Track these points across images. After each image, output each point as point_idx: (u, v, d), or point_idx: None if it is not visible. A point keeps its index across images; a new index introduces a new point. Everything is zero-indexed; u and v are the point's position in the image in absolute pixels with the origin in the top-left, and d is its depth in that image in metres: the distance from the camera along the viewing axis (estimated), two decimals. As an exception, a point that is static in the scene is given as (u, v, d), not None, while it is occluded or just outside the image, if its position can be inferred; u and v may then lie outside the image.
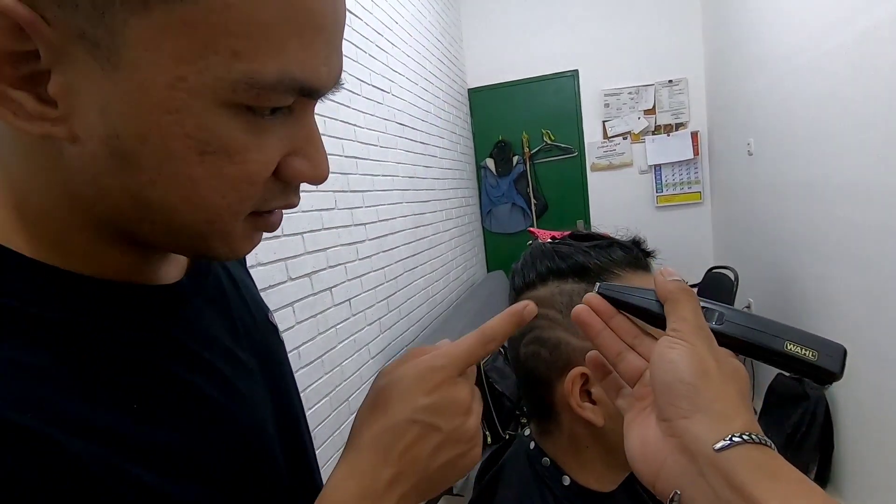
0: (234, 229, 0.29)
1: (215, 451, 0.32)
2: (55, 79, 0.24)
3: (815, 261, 1.93)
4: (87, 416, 0.25)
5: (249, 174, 0.27)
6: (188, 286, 0.36)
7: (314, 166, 0.30)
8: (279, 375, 0.43)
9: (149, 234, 0.29)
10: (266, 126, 0.27)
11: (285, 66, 0.25)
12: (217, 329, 0.37)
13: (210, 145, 0.25)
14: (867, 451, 1.67)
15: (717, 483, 0.28)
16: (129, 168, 0.25)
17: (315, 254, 1.54)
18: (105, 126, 0.24)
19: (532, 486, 0.55)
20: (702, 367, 0.31)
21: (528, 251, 0.57)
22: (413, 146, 2.42)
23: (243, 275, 0.47)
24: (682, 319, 0.33)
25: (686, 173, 3.29)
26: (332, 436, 1.54)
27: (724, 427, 0.29)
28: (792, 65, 1.96)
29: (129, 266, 0.32)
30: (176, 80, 0.24)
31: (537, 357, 0.53)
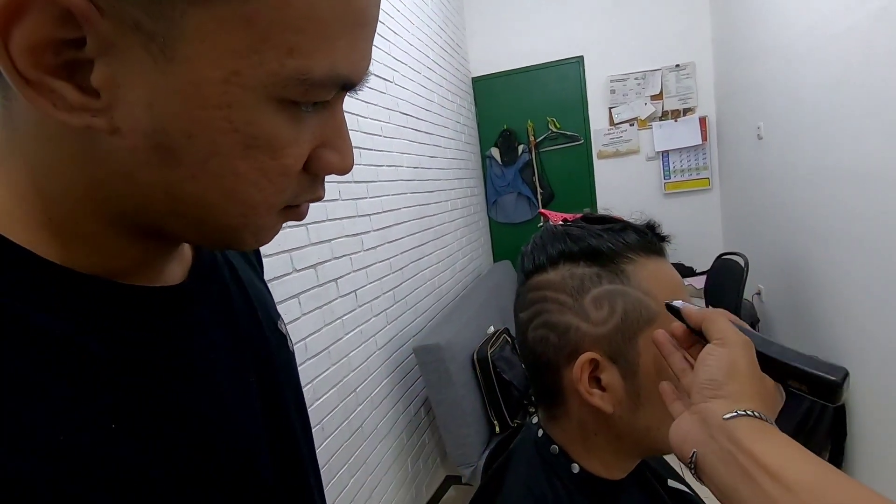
0: (266, 223, 0.30)
1: (196, 475, 0.30)
2: (99, 69, 0.23)
3: (826, 246, 1.90)
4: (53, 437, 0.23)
5: (286, 167, 0.27)
6: (192, 289, 0.35)
7: (342, 157, 0.30)
8: (279, 389, 0.41)
9: (176, 227, 0.29)
10: (304, 120, 0.27)
11: (334, 62, 0.25)
12: (217, 337, 0.36)
13: (256, 140, 0.25)
14: (881, 438, 1.65)
15: (722, 440, 0.35)
16: (170, 162, 0.25)
17: (319, 245, 1.53)
18: (151, 120, 0.24)
19: (540, 473, 0.54)
20: (732, 368, 0.38)
21: (539, 233, 0.56)
22: (417, 136, 2.40)
23: (255, 280, 0.45)
24: (720, 331, 0.41)
25: (694, 159, 3.25)
26: (340, 426, 1.54)
27: (735, 406, 0.36)
28: (803, 47, 1.91)
29: (135, 261, 0.31)
30: (230, 75, 0.23)
31: (546, 342, 0.52)
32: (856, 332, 1.73)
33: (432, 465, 2.25)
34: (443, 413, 1.87)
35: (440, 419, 1.89)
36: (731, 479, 0.34)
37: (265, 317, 0.43)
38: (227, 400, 0.35)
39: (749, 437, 0.34)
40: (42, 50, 0.22)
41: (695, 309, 0.44)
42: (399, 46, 2.25)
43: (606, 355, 0.49)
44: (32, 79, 0.22)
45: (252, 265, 0.47)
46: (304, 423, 0.46)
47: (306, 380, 1.40)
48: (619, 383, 0.50)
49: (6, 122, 0.27)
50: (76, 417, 0.25)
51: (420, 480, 2.10)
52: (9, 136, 0.27)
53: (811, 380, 0.38)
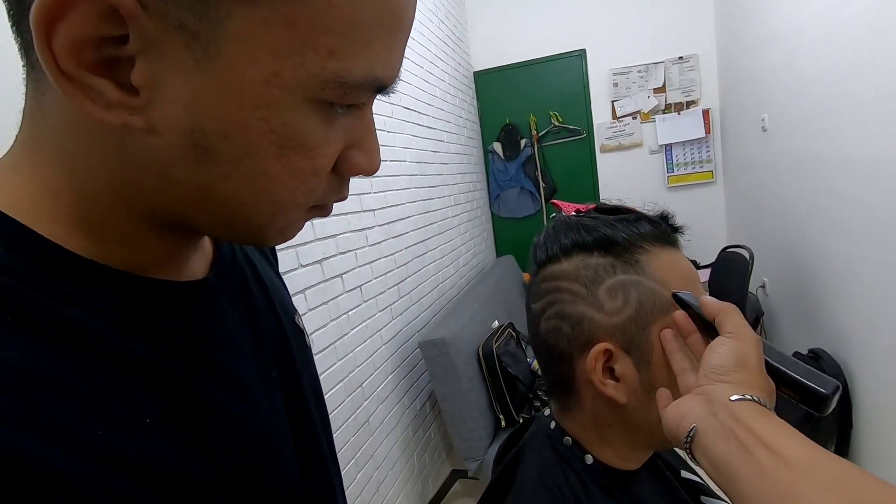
0: (294, 221, 0.30)
1: (227, 469, 0.30)
2: (140, 67, 0.23)
3: (831, 238, 1.89)
4: (91, 432, 0.23)
5: (316, 168, 0.27)
6: (214, 283, 0.35)
7: (371, 158, 0.30)
8: (299, 383, 0.42)
9: (204, 223, 0.29)
10: (337, 122, 0.27)
11: (371, 65, 0.25)
12: (239, 332, 0.36)
13: (291, 141, 0.26)
14: (886, 428, 1.65)
15: (724, 417, 0.36)
16: (205, 161, 0.25)
17: (325, 241, 1.53)
18: (188, 119, 0.24)
19: (554, 465, 0.54)
20: (743, 359, 0.39)
21: (552, 223, 0.55)
22: (420, 131, 2.39)
23: (272, 274, 0.45)
24: (736, 325, 0.41)
25: (698, 152, 3.23)
26: (347, 421, 1.54)
27: (742, 390, 0.37)
28: (808, 36, 1.90)
29: (161, 255, 0.31)
30: (271, 76, 0.24)
31: (559, 332, 0.52)
32: (861, 324, 1.73)
33: (438, 459, 2.26)
34: (449, 407, 1.87)
35: (446, 413, 1.89)
36: (727, 453, 0.35)
37: (283, 312, 0.43)
38: (252, 394, 0.35)
39: (752, 417, 0.35)
40: (84, 46, 0.22)
41: (713, 300, 0.44)
42: (401, 41, 2.24)
43: (620, 345, 0.49)
44: (73, 75, 0.22)
45: (268, 259, 0.47)
46: (324, 417, 0.46)
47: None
48: (633, 374, 0.50)
49: (35, 114, 0.27)
50: (112, 412, 0.25)
51: (426, 474, 2.11)
52: (37, 129, 0.27)
53: (803, 389, 0.40)
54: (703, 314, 0.45)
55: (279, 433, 0.37)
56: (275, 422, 0.37)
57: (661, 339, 0.48)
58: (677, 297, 0.48)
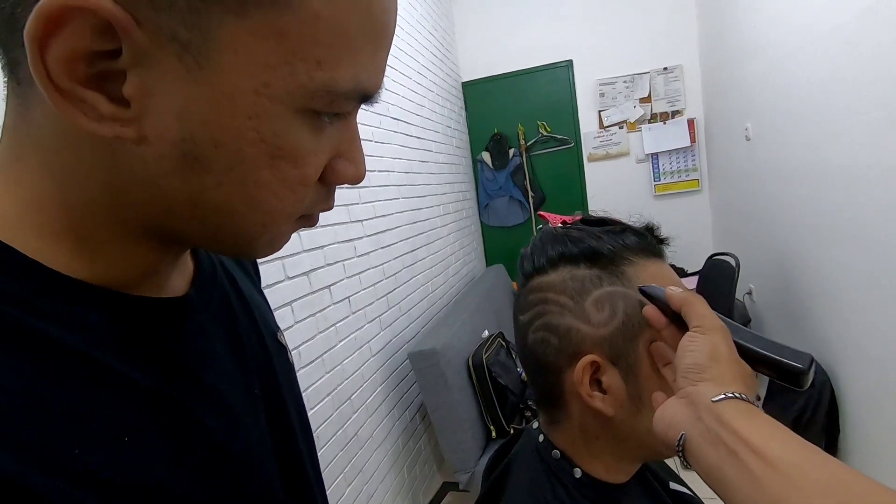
0: (283, 232, 0.30)
1: (208, 487, 0.30)
2: (132, 79, 0.23)
3: (816, 244, 1.92)
4: (69, 451, 0.23)
5: (305, 177, 0.28)
6: (195, 300, 0.34)
7: (357, 167, 0.31)
8: (281, 400, 0.41)
9: (194, 234, 0.29)
10: (324, 131, 0.28)
11: (357, 75, 0.26)
12: (221, 349, 0.35)
13: (280, 150, 0.26)
14: (873, 434, 1.66)
15: (709, 421, 0.36)
16: (196, 171, 0.25)
17: (312, 252, 1.52)
18: (179, 128, 0.24)
19: (543, 479, 0.53)
20: (714, 352, 0.39)
21: (539, 235, 0.55)
22: (408, 141, 2.40)
23: (253, 291, 0.45)
24: (700, 317, 0.41)
25: (683, 161, 3.27)
26: (335, 435, 1.52)
27: (722, 388, 0.37)
28: (789, 47, 1.94)
29: (142, 271, 0.30)
30: (261, 86, 0.24)
31: (546, 344, 0.51)
32: (846, 329, 1.75)
33: (429, 471, 2.23)
34: (439, 419, 1.85)
35: (436, 425, 1.87)
36: (717, 459, 0.34)
37: (265, 328, 0.42)
38: (233, 411, 0.34)
39: (735, 417, 0.35)
40: (77, 61, 0.22)
41: (677, 292, 0.44)
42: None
43: (607, 357, 0.49)
44: (65, 89, 0.22)
45: (250, 276, 0.47)
46: (307, 435, 0.46)
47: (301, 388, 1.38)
48: (620, 386, 0.49)
49: (18, 128, 0.26)
50: (90, 430, 0.25)
51: (417, 487, 2.09)
52: (20, 142, 0.26)
53: (778, 367, 0.40)
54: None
55: (261, 451, 0.36)
56: (257, 439, 0.36)
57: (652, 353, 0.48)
58: (643, 290, 0.47)
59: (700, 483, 0.43)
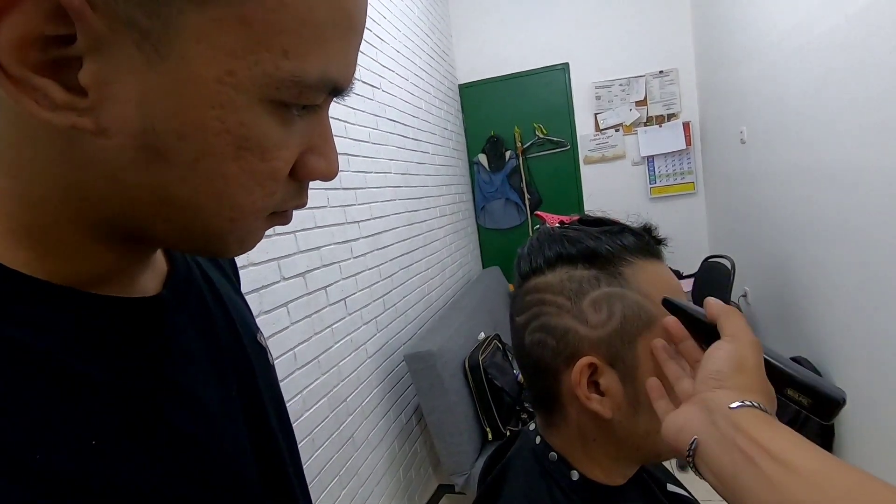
0: (253, 228, 0.29)
1: (183, 490, 0.29)
2: (88, 67, 0.22)
3: (811, 246, 1.92)
4: (29, 456, 0.23)
5: (274, 171, 0.27)
6: (169, 300, 0.33)
7: (328, 163, 0.30)
8: (261, 402, 0.41)
9: (160, 232, 0.28)
10: (293, 124, 0.27)
11: (326, 66, 0.25)
12: (196, 350, 0.35)
13: (247, 141, 0.25)
14: (867, 435, 1.67)
15: (725, 427, 0.35)
16: (159, 163, 0.24)
17: (308, 253, 1.51)
18: (140, 119, 0.23)
19: (539, 482, 0.53)
20: (740, 362, 0.38)
21: (536, 235, 0.55)
22: (405, 142, 2.39)
23: (232, 293, 0.44)
24: (735, 327, 0.41)
25: (679, 164, 3.29)
26: (331, 436, 1.51)
27: (741, 396, 0.36)
28: (783, 50, 1.95)
29: (108, 269, 0.29)
30: (225, 75, 0.23)
31: (543, 345, 0.51)
32: (841, 331, 1.76)
33: (425, 474, 2.22)
34: (435, 421, 1.85)
35: (432, 427, 1.87)
36: (732, 466, 0.33)
37: (244, 329, 0.42)
38: (209, 413, 0.33)
39: (752, 424, 0.34)
40: (29, 46, 0.21)
41: (717, 303, 0.44)
42: (386, 53, 2.25)
43: (605, 359, 0.49)
44: (16, 76, 0.21)
45: (228, 278, 0.46)
46: (288, 436, 0.45)
47: (296, 390, 1.38)
48: (617, 387, 0.49)
49: None
50: (54, 435, 0.24)
51: (413, 490, 2.08)
52: None
53: (816, 394, 0.38)
54: (699, 317, 0.44)
55: (239, 453, 0.35)
56: (234, 441, 0.35)
57: (652, 350, 0.47)
58: (669, 302, 0.47)
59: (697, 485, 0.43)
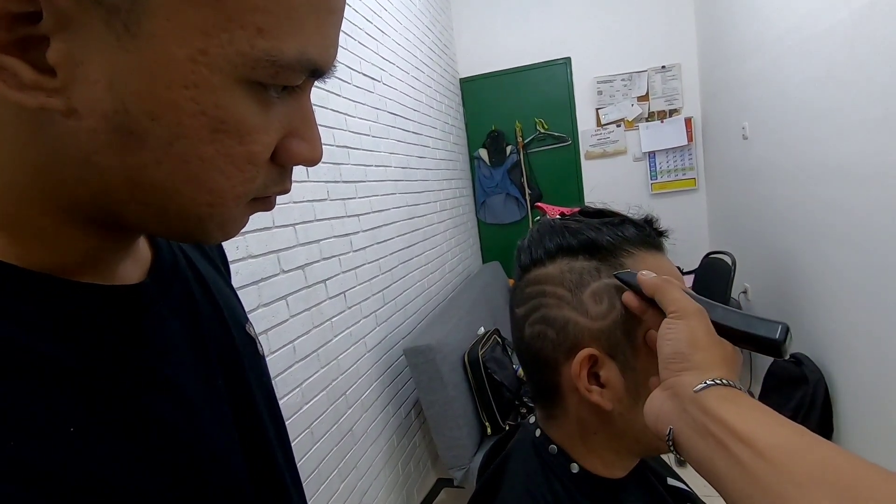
0: (234, 214, 0.29)
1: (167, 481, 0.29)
2: (56, 46, 0.21)
3: (812, 243, 1.92)
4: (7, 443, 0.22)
5: (253, 154, 0.27)
6: (151, 289, 0.33)
7: (311, 147, 0.30)
8: (249, 393, 0.40)
9: (136, 217, 0.27)
10: (272, 106, 0.27)
11: (303, 46, 0.25)
12: (181, 340, 0.34)
13: (224, 123, 0.25)
14: (866, 431, 1.67)
15: (694, 412, 0.35)
16: (132, 146, 0.24)
17: (308, 246, 1.50)
18: (112, 100, 0.23)
19: (539, 475, 0.53)
20: (693, 338, 0.39)
21: (536, 227, 0.54)
22: (405, 136, 2.38)
23: (221, 283, 0.43)
24: (674, 301, 0.41)
25: (680, 160, 3.28)
26: (330, 430, 1.51)
27: (704, 376, 0.37)
28: (786, 46, 1.94)
29: (87, 257, 0.29)
30: (197, 54, 0.23)
31: (543, 337, 0.50)
32: (841, 328, 1.75)
33: (423, 467, 2.23)
34: (434, 415, 1.85)
35: (431, 421, 1.87)
36: (707, 451, 0.34)
37: (232, 319, 0.41)
38: (192, 403, 0.33)
39: (720, 406, 0.34)
40: None
41: (648, 278, 0.44)
42: (386, 46, 2.24)
43: (605, 351, 0.48)
44: None
45: (217, 269, 0.45)
46: (279, 427, 0.45)
47: (295, 383, 1.37)
48: (618, 379, 0.49)
49: None
50: (30, 424, 0.23)
51: (411, 483, 2.08)
52: None
53: (756, 340, 0.40)
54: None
55: (225, 443, 0.35)
56: (219, 432, 0.35)
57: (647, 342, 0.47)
58: (618, 276, 0.47)
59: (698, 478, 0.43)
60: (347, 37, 1.86)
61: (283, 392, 1.32)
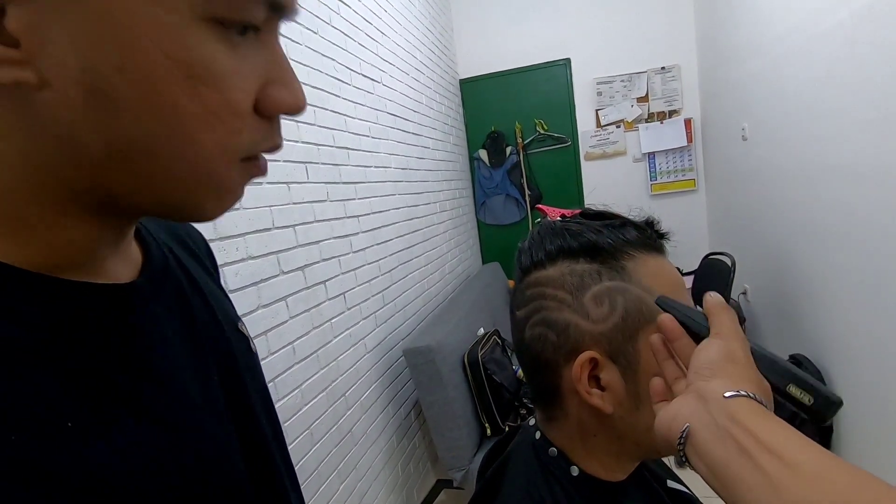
0: (227, 176, 0.28)
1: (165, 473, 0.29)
2: (13, 13, 0.21)
3: (811, 244, 1.92)
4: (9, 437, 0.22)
5: (232, 103, 0.26)
6: (145, 288, 0.33)
7: (292, 93, 0.29)
8: (244, 389, 0.40)
9: (128, 192, 0.27)
10: (241, 50, 0.26)
11: None
12: (176, 338, 0.34)
13: (193, 68, 0.24)
14: (866, 433, 1.67)
15: (719, 416, 0.34)
16: (109, 108, 0.23)
17: (308, 247, 1.50)
18: (77, 59, 0.22)
19: (539, 477, 0.52)
20: (731, 355, 0.38)
21: (537, 229, 0.54)
22: (405, 137, 2.38)
23: (210, 283, 0.43)
24: (721, 325, 0.40)
25: (680, 160, 3.28)
26: (329, 431, 1.51)
27: (735, 386, 0.35)
28: (786, 47, 1.94)
29: (78, 251, 0.28)
30: None
31: (544, 340, 0.50)
32: (841, 330, 1.75)
33: (423, 468, 2.23)
34: (433, 416, 1.85)
35: (431, 422, 1.87)
36: (724, 455, 0.32)
37: (224, 318, 0.41)
38: (189, 399, 0.33)
39: (749, 416, 0.33)
40: None
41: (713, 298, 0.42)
42: (386, 47, 2.24)
43: (606, 354, 0.48)
44: None
45: (206, 269, 0.45)
46: (274, 424, 0.45)
47: (295, 384, 1.37)
48: (619, 383, 0.49)
49: None
50: (29, 418, 0.24)
51: (411, 485, 2.08)
52: None
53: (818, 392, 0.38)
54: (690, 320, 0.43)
55: (224, 442, 0.35)
56: (216, 426, 0.35)
57: (651, 347, 0.46)
58: (663, 302, 0.46)
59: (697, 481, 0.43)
60: (347, 38, 1.86)
61: (282, 393, 1.32)
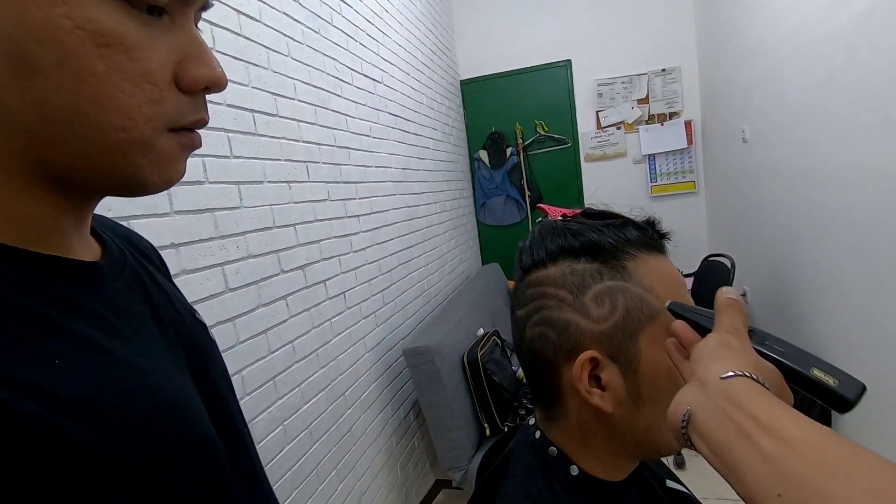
0: (157, 143, 0.30)
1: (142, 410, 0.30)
2: None
3: (810, 246, 1.92)
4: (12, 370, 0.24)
5: (148, 72, 0.28)
6: (108, 268, 0.34)
7: (210, 67, 0.31)
8: (207, 371, 0.41)
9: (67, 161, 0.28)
10: (153, 28, 0.28)
11: None
12: (140, 312, 0.36)
13: (103, 37, 0.26)
14: (866, 433, 1.67)
15: (718, 398, 0.34)
16: (31, 75, 0.25)
17: (308, 246, 1.50)
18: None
19: (539, 477, 0.52)
20: (725, 342, 0.38)
21: (538, 228, 0.54)
22: (406, 137, 2.39)
23: (164, 280, 0.45)
24: (720, 322, 0.41)
25: (680, 162, 3.28)
26: (329, 430, 1.51)
27: (731, 367, 0.36)
28: (786, 50, 1.94)
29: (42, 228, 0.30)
30: None
31: (545, 339, 0.50)
32: (840, 332, 1.76)
33: (422, 469, 2.23)
34: (433, 416, 1.85)
35: (430, 422, 1.87)
36: (725, 437, 0.32)
37: (182, 307, 0.43)
38: (160, 362, 0.34)
39: (746, 396, 0.33)
40: None
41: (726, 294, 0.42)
42: (387, 47, 2.24)
43: (607, 353, 0.48)
44: None
45: (158, 268, 0.47)
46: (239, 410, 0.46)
47: (294, 383, 1.37)
48: (619, 382, 0.49)
49: None
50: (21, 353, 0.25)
51: (410, 485, 2.08)
52: None
53: (841, 373, 0.38)
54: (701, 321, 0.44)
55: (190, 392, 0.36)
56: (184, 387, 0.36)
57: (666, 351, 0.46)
58: (675, 307, 0.46)
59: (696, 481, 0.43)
60: (348, 38, 1.86)
61: (282, 392, 1.32)
